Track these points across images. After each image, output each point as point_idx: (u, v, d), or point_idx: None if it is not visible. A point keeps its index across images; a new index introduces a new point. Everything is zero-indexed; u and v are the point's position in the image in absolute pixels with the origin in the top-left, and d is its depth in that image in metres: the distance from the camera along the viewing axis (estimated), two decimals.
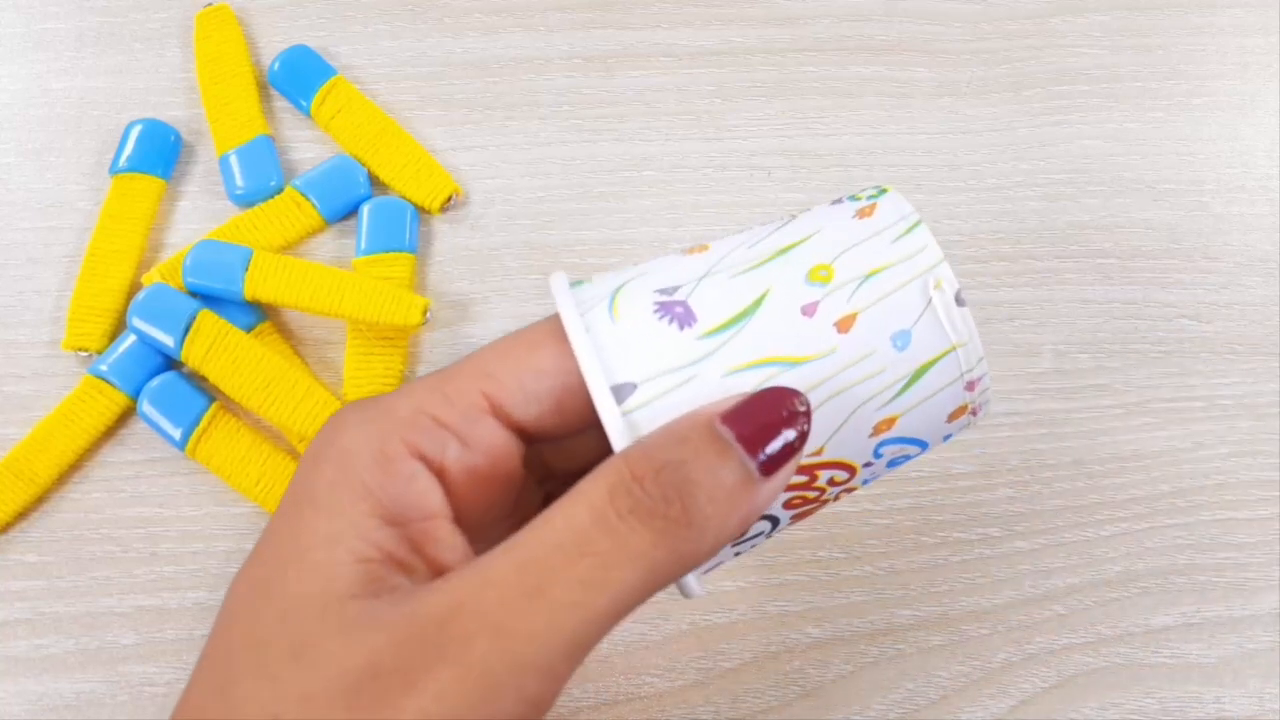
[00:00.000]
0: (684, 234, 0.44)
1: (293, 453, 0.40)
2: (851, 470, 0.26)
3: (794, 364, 0.24)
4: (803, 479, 0.25)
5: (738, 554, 0.28)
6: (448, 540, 0.22)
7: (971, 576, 0.40)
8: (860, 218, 0.26)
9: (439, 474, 0.23)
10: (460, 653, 0.20)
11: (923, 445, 0.27)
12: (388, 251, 0.42)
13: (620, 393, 0.23)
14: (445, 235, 0.44)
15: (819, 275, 0.25)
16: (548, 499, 0.24)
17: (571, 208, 0.44)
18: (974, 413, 0.26)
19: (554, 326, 0.24)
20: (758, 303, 0.24)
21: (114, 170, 0.42)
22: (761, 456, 0.21)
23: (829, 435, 0.25)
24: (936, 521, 0.41)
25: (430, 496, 0.22)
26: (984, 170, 0.46)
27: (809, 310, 0.24)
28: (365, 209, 0.42)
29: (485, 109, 0.45)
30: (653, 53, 0.47)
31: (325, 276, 0.40)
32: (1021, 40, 0.48)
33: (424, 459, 0.23)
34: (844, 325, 0.24)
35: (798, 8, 0.48)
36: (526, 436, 0.24)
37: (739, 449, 0.21)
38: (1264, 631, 0.40)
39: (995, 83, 0.47)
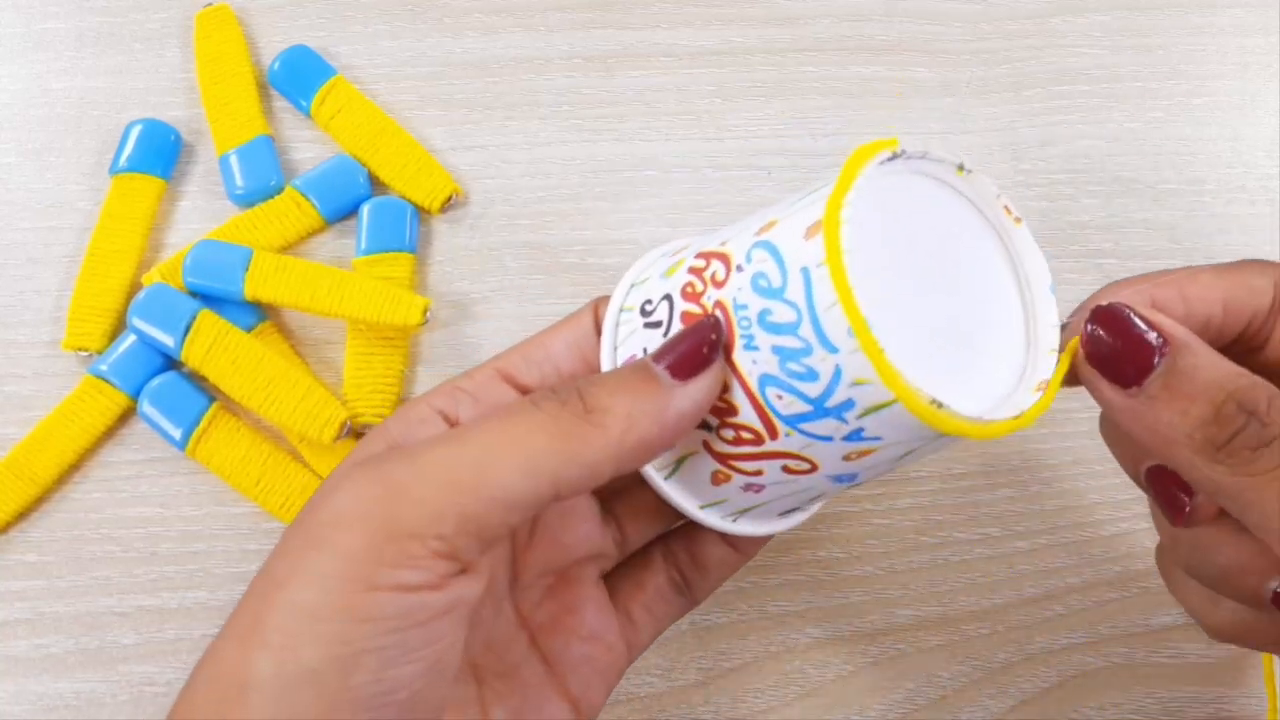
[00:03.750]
0: (684, 234, 0.44)
1: (293, 453, 0.40)
2: (724, 260, 0.27)
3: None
4: (701, 263, 0.28)
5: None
6: None
7: (971, 576, 0.40)
8: None
9: (453, 424, 0.28)
10: (375, 467, 0.24)
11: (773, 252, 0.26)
12: (388, 251, 0.42)
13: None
14: (445, 235, 0.44)
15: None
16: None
17: (571, 208, 0.44)
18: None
19: (556, 325, 0.30)
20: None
21: (114, 170, 0.42)
22: (670, 360, 0.25)
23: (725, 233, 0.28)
24: (936, 521, 0.41)
25: (432, 433, 0.27)
26: (984, 170, 0.46)
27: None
28: (365, 209, 0.42)
29: (485, 109, 0.45)
30: (653, 53, 0.47)
31: (325, 276, 0.40)
32: (1021, 40, 0.48)
33: (442, 414, 0.28)
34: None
35: (798, 8, 0.48)
36: None
37: (653, 364, 0.25)
38: None
39: (995, 83, 0.47)
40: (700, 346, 0.25)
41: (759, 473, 0.27)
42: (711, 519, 0.30)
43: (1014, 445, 0.42)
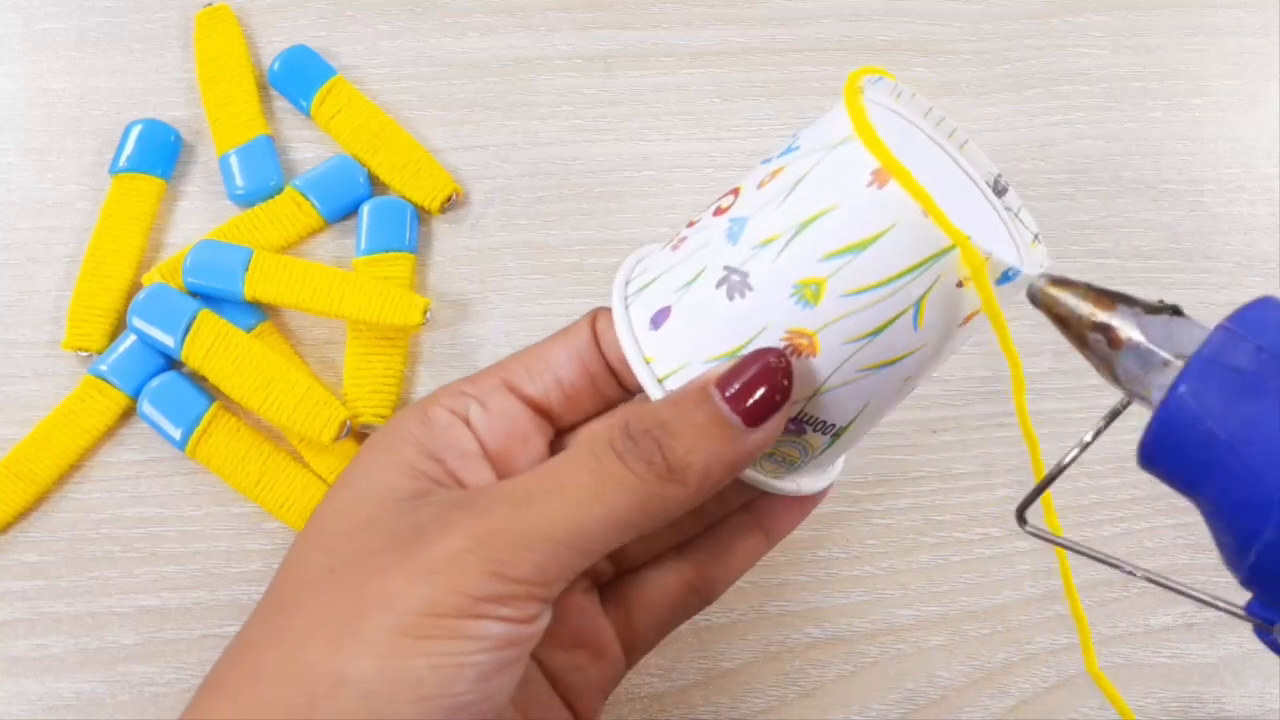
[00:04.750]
0: None
1: (293, 453, 0.40)
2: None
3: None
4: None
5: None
6: (480, 472, 0.28)
7: (971, 576, 0.40)
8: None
9: (466, 425, 0.29)
10: (483, 511, 0.25)
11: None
12: (388, 251, 0.42)
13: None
14: (445, 235, 0.44)
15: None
16: None
17: (571, 208, 0.44)
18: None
19: (554, 336, 0.30)
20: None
21: (114, 170, 0.42)
22: (746, 407, 0.26)
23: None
24: (936, 521, 0.41)
25: (463, 439, 0.28)
26: None
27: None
28: (365, 209, 0.42)
29: (485, 109, 0.45)
30: (653, 53, 0.47)
31: (325, 276, 0.40)
32: (1021, 40, 0.48)
33: (454, 413, 0.29)
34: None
35: (798, 8, 0.48)
36: (538, 409, 0.30)
37: (722, 405, 0.26)
38: None
39: (995, 83, 0.47)
40: (775, 392, 0.26)
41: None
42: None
43: (1014, 445, 0.42)
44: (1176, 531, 0.41)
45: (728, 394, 0.26)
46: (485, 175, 0.44)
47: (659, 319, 0.28)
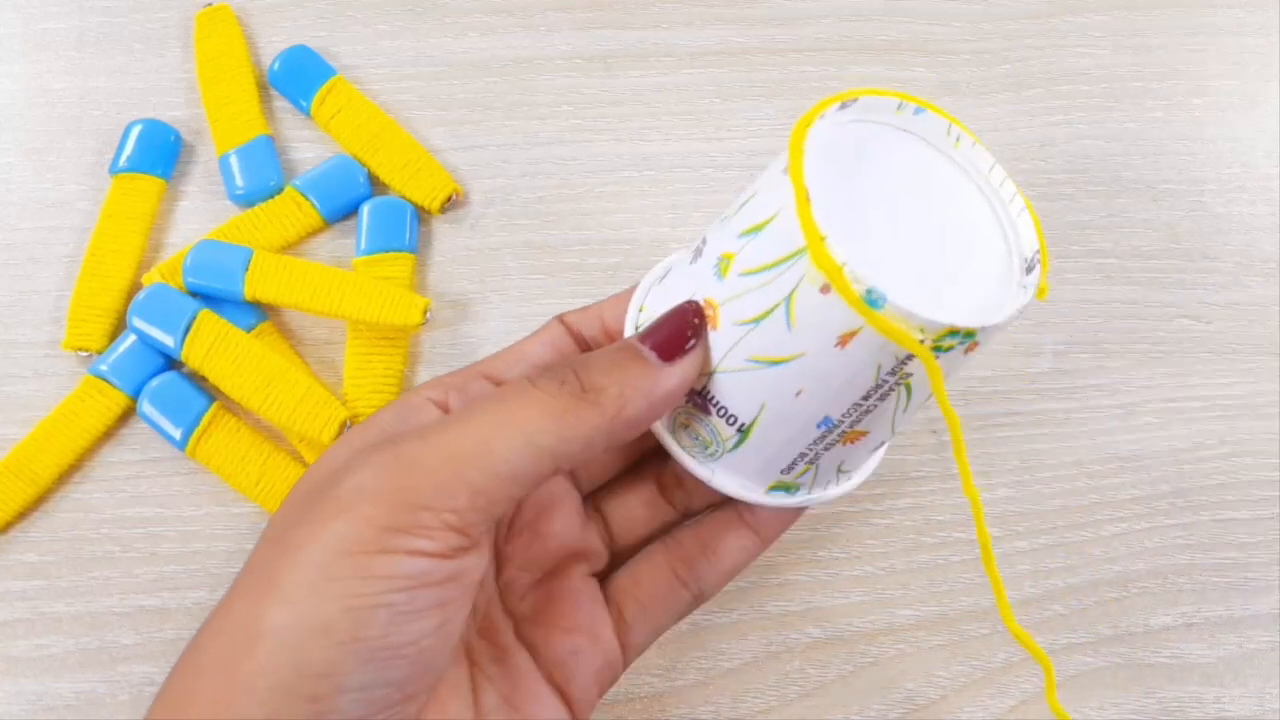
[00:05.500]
0: (684, 234, 0.44)
1: (293, 453, 0.40)
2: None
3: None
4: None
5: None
6: None
7: (971, 576, 0.40)
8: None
9: (445, 410, 0.30)
10: (394, 448, 0.25)
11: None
12: (388, 251, 0.42)
13: None
14: (445, 235, 0.44)
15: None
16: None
17: (571, 208, 0.44)
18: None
19: (528, 336, 0.32)
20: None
21: (114, 170, 0.42)
22: (659, 343, 0.27)
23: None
24: (936, 521, 0.41)
25: (426, 419, 0.29)
26: None
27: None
28: (365, 209, 0.42)
29: (485, 109, 0.45)
30: (653, 53, 0.47)
31: (325, 276, 0.40)
32: (1021, 40, 0.48)
33: (433, 402, 0.29)
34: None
35: (798, 8, 0.48)
36: None
37: (638, 343, 0.27)
38: (1264, 631, 0.40)
39: (995, 83, 0.47)
40: (684, 329, 0.27)
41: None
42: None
43: (1014, 445, 0.42)
44: (1177, 532, 0.41)
45: (646, 335, 0.27)
46: (485, 175, 0.44)
47: (664, 276, 0.31)
